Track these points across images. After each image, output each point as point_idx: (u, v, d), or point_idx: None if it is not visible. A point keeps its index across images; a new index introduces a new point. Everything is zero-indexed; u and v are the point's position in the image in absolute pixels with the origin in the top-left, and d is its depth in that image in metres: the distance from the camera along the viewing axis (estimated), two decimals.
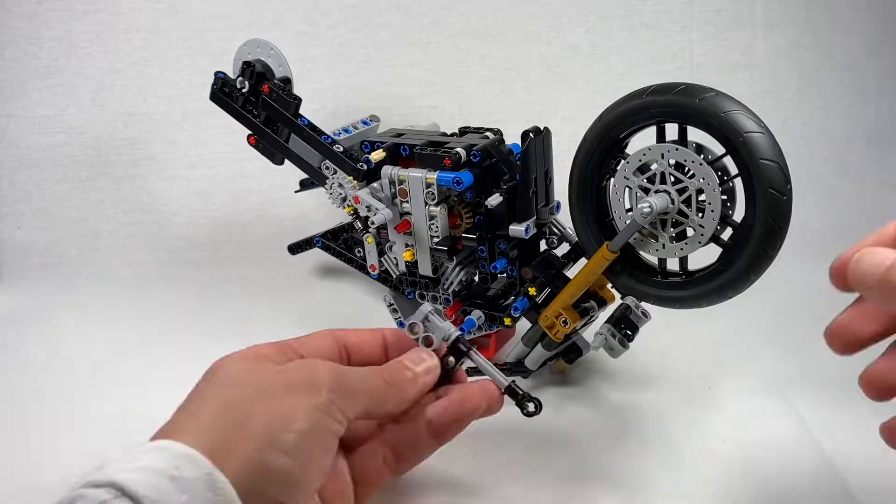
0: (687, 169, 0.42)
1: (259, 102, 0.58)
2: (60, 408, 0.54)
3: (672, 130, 0.44)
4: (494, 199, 0.48)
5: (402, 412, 0.39)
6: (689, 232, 0.43)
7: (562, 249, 0.53)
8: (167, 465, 0.29)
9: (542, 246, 0.54)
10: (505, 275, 0.52)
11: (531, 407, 0.40)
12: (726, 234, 0.44)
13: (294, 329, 0.43)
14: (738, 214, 0.43)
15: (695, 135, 0.43)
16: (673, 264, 0.46)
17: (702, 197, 0.42)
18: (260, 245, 0.79)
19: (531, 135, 0.48)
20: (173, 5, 0.82)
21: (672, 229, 0.43)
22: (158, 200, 0.83)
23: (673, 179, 0.42)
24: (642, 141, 0.45)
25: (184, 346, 0.62)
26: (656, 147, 0.42)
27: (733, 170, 0.42)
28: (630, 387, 0.53)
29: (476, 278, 0.55)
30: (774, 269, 0.43)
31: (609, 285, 0.49)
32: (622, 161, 0.45)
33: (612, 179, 0.46)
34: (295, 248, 0.71)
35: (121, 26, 0.81)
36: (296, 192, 0.69)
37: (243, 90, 0.58)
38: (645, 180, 0.43)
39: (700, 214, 0.42)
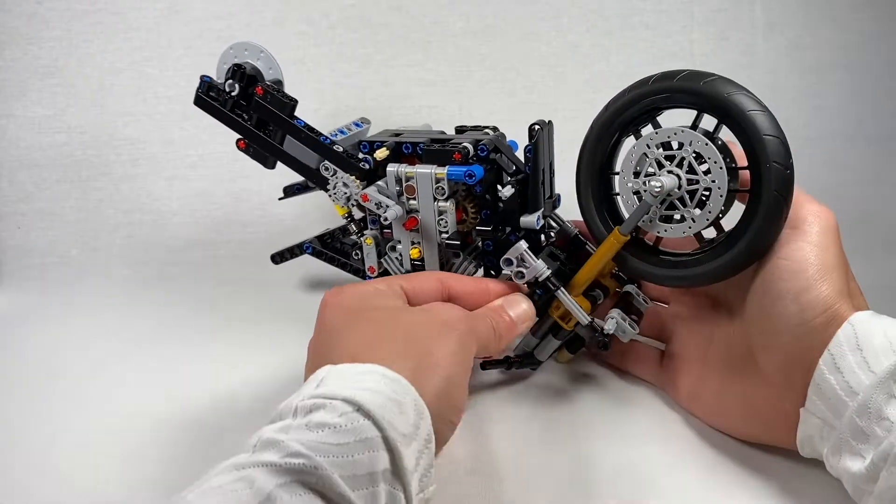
0: (703, 161, 0.43)
1: (251, 105, 0.56)
2: (60, 407, 0.54)
3: (688, 117, 0.45)
4: (507, 191, 0.49)
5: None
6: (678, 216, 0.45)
7: None
8: (387, 389, 0.33)
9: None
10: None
11: (607, 341, 0.48)
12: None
13: (295, 329, 0.43)
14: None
15: (710, 128, 0.44)
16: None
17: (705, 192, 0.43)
18: (260, 245, 0.79)
19: (537, 126, 0.48)
20: (173, 5, 0.82)
21: (665, 209, 0.45)
22: (158, 200, 0.83)
23: (688, 168, 0.43)
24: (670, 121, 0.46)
25: (184, 345, 0.62)
26: (689, 133, 0.43)
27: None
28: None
29: (481, 272, 0.55)
30: None
31: (610, 275, 0.50)
32: (650, 128, 0.45)
33: (634, 139, 0.46)
34: (278, 258, 0.68)
35: (121, 26, 0.81)
36: (280, 199, 0.67)
37: (233, 93, 0.57)
38: (664, 157, 0.44)
39: (697, 210, 0.43)
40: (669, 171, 0.44)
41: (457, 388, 0.38)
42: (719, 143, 0.44)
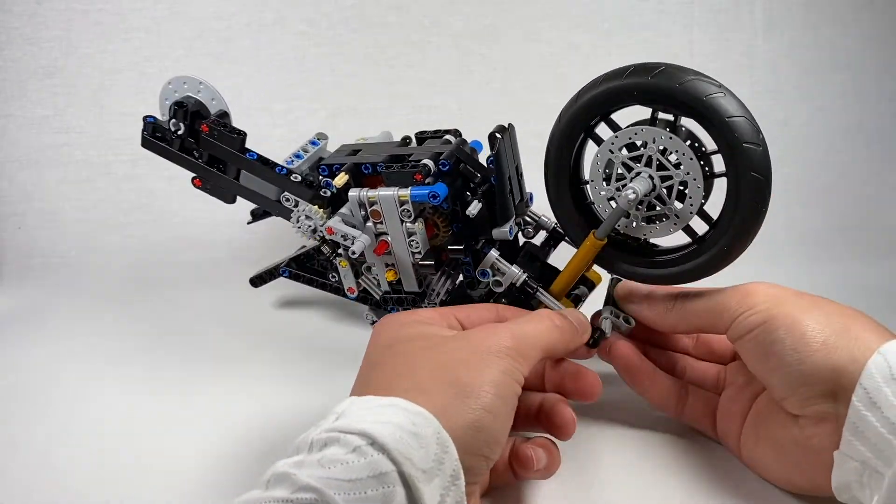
0: (671, 153, 0.42)
1: (199, 142, 0.54)
2: (60, 408, 0.54)
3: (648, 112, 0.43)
4: (474, 208, 0.47)
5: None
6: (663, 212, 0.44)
7: (539, 237, 0.53)
8: (406, 421, 0.32)
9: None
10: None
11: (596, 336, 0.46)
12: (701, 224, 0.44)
13: (296, 328, 0.43)
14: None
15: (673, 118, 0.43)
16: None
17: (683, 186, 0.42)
18: (261, 245, 0.79)
19: (498, 135, 0.46)
20: (173, 5, 0.82)
21: (646, 210, 0.43)
22: (158, 200, 0.83)
23: (658, 165, 0.42)
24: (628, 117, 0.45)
25: (184, 345, 0.62)
26: (649, 130, 0.42)
27: (717, 168, 0.42)
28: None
29: (461, 279, 0.54)
30: (774, 269, 0.42)
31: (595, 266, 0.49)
32: (611, 134, 0.44)
33: (597, 149, 0.45)
34: (258, 281, 0.67)
35: (121, 26, 0.81)
36: (248, 223, 0.66)
37: (179, 132, 0.55)
38: (629, 159, 0.43)
39: (679, 203, 0.42)
40: (639, 173, 0.42)
41: (496, 420, 0.35)
42: (683, 130, 0.42)
